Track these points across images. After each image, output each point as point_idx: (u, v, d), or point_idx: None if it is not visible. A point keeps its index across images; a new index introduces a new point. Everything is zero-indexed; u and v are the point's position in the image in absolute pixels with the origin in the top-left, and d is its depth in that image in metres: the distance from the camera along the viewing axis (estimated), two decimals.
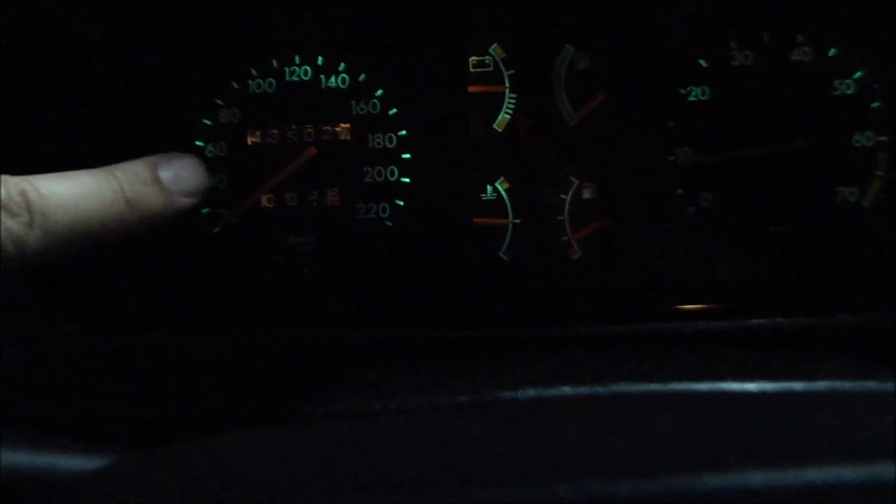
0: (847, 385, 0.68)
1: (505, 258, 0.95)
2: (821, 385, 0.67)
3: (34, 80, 0.83)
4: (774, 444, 0.47)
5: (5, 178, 0.60)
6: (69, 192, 0.63)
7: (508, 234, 0.94)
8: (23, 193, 0.60)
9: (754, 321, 0.84)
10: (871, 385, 0.68)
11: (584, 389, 0.61)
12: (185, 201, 0.75)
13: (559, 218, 0.94)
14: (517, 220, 0.94)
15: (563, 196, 0.94)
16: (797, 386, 0.67)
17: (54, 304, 0.84)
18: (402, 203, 0.94)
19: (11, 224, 0.58)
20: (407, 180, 0.94)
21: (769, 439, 0.49)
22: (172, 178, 0.73)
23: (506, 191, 0.94)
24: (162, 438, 0.58)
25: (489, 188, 0.94)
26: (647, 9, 0.93)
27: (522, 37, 0.93)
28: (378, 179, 0.94)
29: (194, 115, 0.94)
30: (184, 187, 0.74)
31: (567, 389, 0.60)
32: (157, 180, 0.72)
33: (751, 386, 0.66)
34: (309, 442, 0.56)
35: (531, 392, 0.60)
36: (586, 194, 0.94)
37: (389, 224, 0.94)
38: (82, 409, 0.75)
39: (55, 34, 0.84)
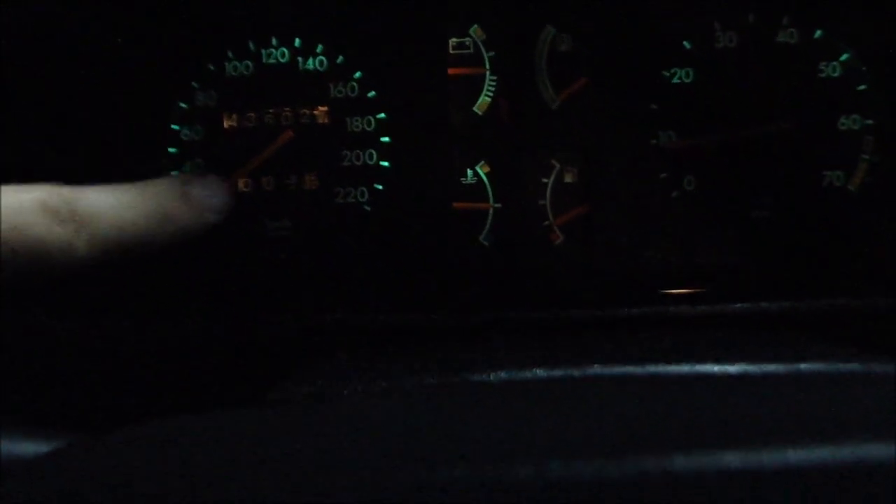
0: (830, 367, 0.67)
1: (485, 243, 0.93)
2: (803, 367, 0.66)
3: (6, 61, 0.82)
4: (751, 426, 0.46)
5: (55, 187, 0.62)
6: (111, 204, 0.66)
7: (489, 219, 0.93)
8: (70, 203, 0.62)
9: (738, 305, 0.83)
10: (854, 367, 0.67)
11: (557, 372, 0.59)
12: (213, 217, 0.78)
13: (541, 202, 0.93)
14: (498, 205, 0.93)
15: (544, 180, 0.93)
16: (779, 368, 0.65)
17: (22, 291, 0.83)
18: (381, 187, 0.93)
19: (60, 230, 0.61)
20: (386, 164, 0.92)
21: (745, 420, 0.48)
22: (202, 195, 0.76)
23: (486, 175, 0.93)
24: (131, 422, 0.56)
25: (469, 172, 0.93)
26: None
27: (503, 18, 0.92)
28: (357, 163, 0.92)
29: (170, 98, 0.92)
30: (212, 204, 0.77)
31: (540, 372, 0.59)
32: (188, 196, 0.75)
33: (731, 368, 0.65)
34: (278, 425, 0.55)
35: (503, 375, 0.59)
36: (568, 178, 0.93)
37: (368, 208, 0.93)
38: (49, 394, 0.74)
39: (28, 15, 0.83)
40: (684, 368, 0.66)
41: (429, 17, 0.92)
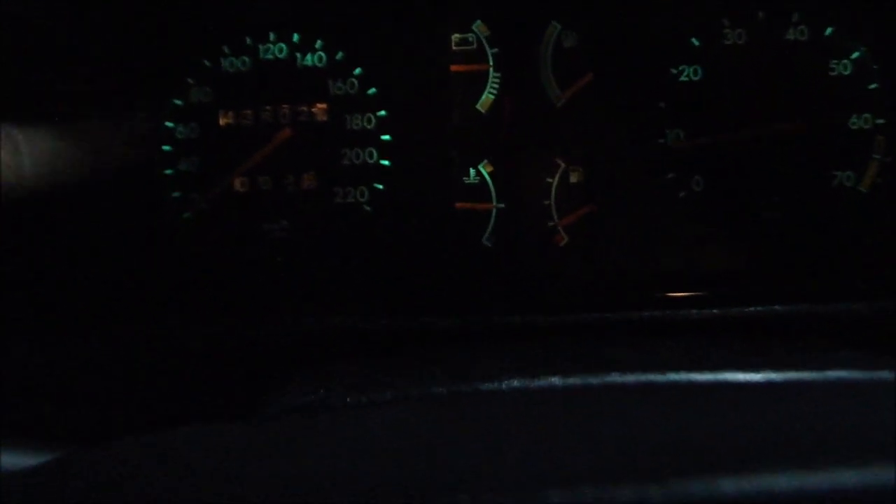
0: (849, 375, 0.65)
1: (488, 244, 0.91)
2: (827, 375, 0.64)
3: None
4: (773, 441, 0.44)
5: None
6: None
7: (492, 220, 0.91)
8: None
9: (746, 308, 0.81)
10: (871, 375, 0.65)
11: (574, 380, 0.57)
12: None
13: (545, 203, 0.91)
14: (501, 205, 0.91)
15: (549, 180, 0.91)
16: (797, 376, 0.63)
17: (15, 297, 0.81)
18: (381, 187, 0.91)
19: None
20: (386, 163, 0.90)
21: (768, 435, 0.46)
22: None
23: (489, 174, 0.91)
24: (125, 430, 0.54)
25: (472, 171, 0.91)
26: None
27: (507, 13, 0.90)
28: (356, 162, 0.90)
29: (164, 94, 0.90)
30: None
31: (556, 380, 0.57)
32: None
33: (756, 377, 0.63)
34: (274, 435, 0.53)
35: (514, 383, 0.57)
36: (574, 178, 0.91)
37: (368, 209, 0.91)
38: (41, 407, 0.72)
39: (22, 11, 0.80)
40: (700, 377, 0.64)
41: (431, 12, 0.90)
